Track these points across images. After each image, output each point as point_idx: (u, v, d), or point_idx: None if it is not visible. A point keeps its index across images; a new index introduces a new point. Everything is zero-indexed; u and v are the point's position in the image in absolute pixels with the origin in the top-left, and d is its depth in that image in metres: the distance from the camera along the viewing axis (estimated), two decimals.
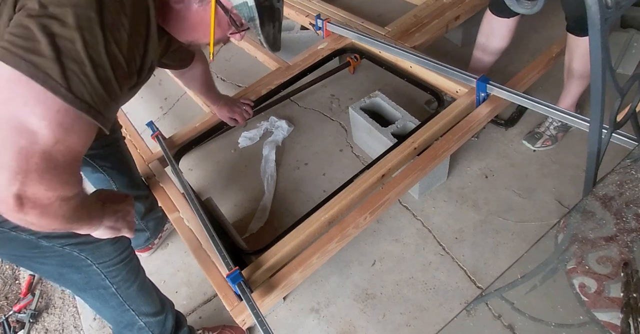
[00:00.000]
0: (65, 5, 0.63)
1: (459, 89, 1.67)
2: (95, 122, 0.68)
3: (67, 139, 0.65)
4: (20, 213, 0.65)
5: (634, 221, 0.95)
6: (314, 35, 2.24)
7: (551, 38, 2.20)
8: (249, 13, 0.83)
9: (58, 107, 0.63)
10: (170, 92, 2.50)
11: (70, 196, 0.69)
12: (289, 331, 1.47)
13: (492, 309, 0.93)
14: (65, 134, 0.65)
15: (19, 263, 0.98)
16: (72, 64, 0.63)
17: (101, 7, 0.66)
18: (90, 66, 0.64)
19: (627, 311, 0.79)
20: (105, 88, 0.67)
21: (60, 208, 0.68)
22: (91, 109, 0.66)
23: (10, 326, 1.73)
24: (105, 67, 0.67)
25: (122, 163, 1.42)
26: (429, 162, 1.43)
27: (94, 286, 1.03)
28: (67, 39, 0.63)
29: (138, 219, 1.57)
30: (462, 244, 1.56)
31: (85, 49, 0.64)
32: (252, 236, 1.73)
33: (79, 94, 0.64)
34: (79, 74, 0.64)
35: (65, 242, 0.91)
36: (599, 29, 0.88)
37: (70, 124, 0.65)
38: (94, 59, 0.65)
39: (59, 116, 0.63)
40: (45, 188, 0.65)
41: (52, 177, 0.65)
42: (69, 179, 0.68)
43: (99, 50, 0.65)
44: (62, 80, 0.62)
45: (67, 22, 0.63)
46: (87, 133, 0.69)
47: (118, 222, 0.91)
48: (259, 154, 1.99)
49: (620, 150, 1.23)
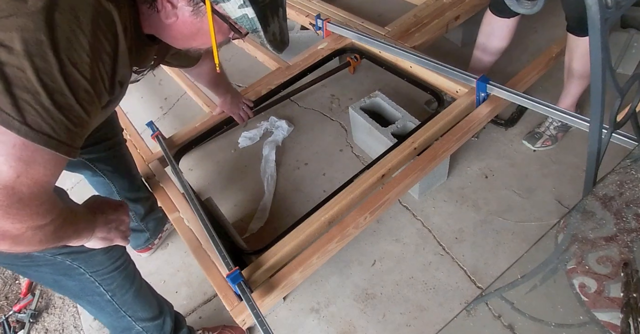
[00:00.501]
0: (10, 30, 0.58)
1: (459, 89, 1.67)
2: (57, 154, 0.64)
3: (30, 172, 0.62)
4: None
5: (634, 221, 0.95)
6: (314, 35, 2.24)
7: (551, 38, 2.20)
8: (250, 25, 0.77)
9: (14, 142, 0.59)
10: (170, 92, 2.50)
11: (42, 224, 0.66)
12: (289, 331, 1.47)
13: (492, 309, 0.93)
14: (27, 167, 0.61)
15: (12, 269, 0.97)
16: (25, 94, 0.59)
17: (52, 28, 0.60)
18: (45, 94, 0.60)
19: (627, 311, 0.78)
20: (65, 115, 0.63)
21: (35, 236, 0.66)
22: (51, 140, 0.62)
23: (10, 326, 1.73)
24: (64, 93, 0.62)
25: (123, 167, 1.41)
26: (429, 162, 1.43)
27: (89, 293, 1.02)
28: (16, 67, 0.58)
29: (138, 220, 1.57)
30: (462, 244, 1.56)
31: (37, 76, 0.59)
32: (252, 236, 1.73)
33: (35, 125, 0.60)
34: (34, 104, 0.59)
35: (56, 252, 0.90)
36: (599, 29, 0.88)
37: (30, 157, 0.61)
38: (49, 86, 0.60)
39: (16, 151, 0.60)
40: (12, 221, 0.62)
41: (18, 211, 0.62)
42: (38, 209, 0.65)
43: (54, 75, 0.60)
44: (14, 113, 0.58)
45: (14, 48, 0.58)
46: (53, 164, 0.65)
47: (111, 233, 0.89)
48: (259, 154, 1.99)
49: (620, 150, 1.23)
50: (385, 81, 2.16)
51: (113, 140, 1.34)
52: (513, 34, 1.71)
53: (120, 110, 1.93)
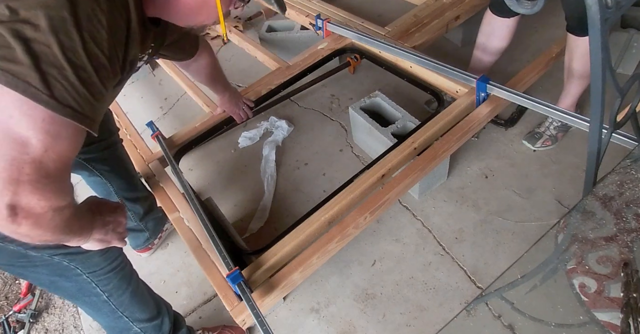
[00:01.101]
0: (35, 8, 0.61)
1: (459, 89, 1.67)
2: (82, 127, 0.67)
3: (57, 146, 0.64)
4: (14, 224, 0.64)
5: (634, 221, 0.95)
6: (314, 35, 2.24)
7: (551, 38, 2.20)
8: None
9: (43, 115, 0.62)
10: (170, 92, 2.50)
11: (62, 206, 0.68)
12: (289, 331, 1.47)
13: (492, 309, 0.93)
14: (54, 141, 0.64)
15: (9, 271, 0.97)
16: (52, 69, 0.61)
17: (74, 6, 0.63)
18: (71, 70, 0.63)
19: (627, 311, 0.78)
20: (89, 90, 0.66)
21: (53, 219, 0.67)
22: (77, 114, 0.65)
23: (10, 326, 1.73)
24: (87, 69, 0.65)
25: (120, 166, 1.41)
26: (429, 162, 1.43)
27: (85, 294, 1.02)
28: (42, 44, 0.61)
29: (137, 220, 1.57)
30: (462, 244, 1.56)
31: (62, 52, 0.62)
32: (252, 236, 1.73)
33: (62, 99, 0.63)
34: (60, 79, 0.62)
35: (53, 252, 0.90)
36: (599, 29, 0.88)
37: (57, 131, 0.64)
38: (74, 62, 0.63)
39: (45, 125, 0.62)
40: (39, 198, 0.64)
41: (44, 186, 0.64)
42: (61, 186, 0.67)
43: (78, 51, 0.63)
44: (43, 87, 0.61)
45: (39, 25, 0.61)
46: (76, 137, 0.68)
47: (108, 235, 0.89)
48: (259, 154, 1.99)
49: (620, 150, 1.23)
50: (385, 81, 2.16)
51: (108, 140, 1.34)
52: (513, 34, 1.71)
53: (120, 110, 1.94)
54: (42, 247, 0.88)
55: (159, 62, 2.35)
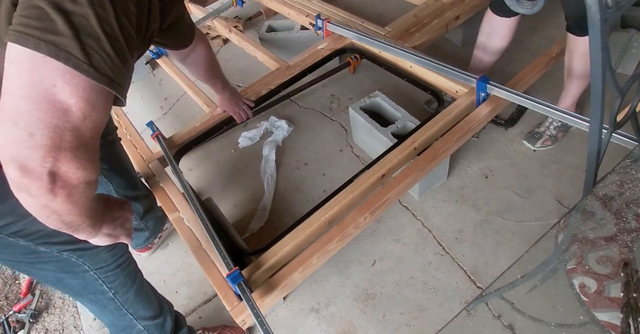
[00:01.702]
0: None
1: (459, 89, 1.67)
2: (116, 94, 0.70)
3: (93, 115, 0.67)
4: (50, 194, 0.65)
5: (634, 221, 0.95)
6: (314, 35, 2.24)
7: (551, 38, 2.20)
8: None
9: (84, 84, 0.65)
10: (170, 92, 2.50)
11: (93, 180, 0.71)
12: (289, 331, 1.47)
13: (492, 309, 0.93)
14: (92, 110, 0.67)
15: (16, 268, 0.98)
16: (90, 40, 0.65)
17: None
18: (107, 40, 0.66)
19: (627, 311, 0.78)
20: (121, 60, 0.70)
21: (84, 192, 0.70)
22: (113, 83, 0.68)
23: (10, 326, 1.73)
24: (119, 39, 0.69)
25: (119, 165, 1.41)
26: (429, 162, 1.43)
27: (91, 291, 1.03)
28: (81, 16, 0.64)
29: (137, 219, 1.57)
30: (462, 244, 1.56)
31: (99, 23, 0.65)
32: (252, 236, 1.73)
33: (100, 69, 0.66)
34: (98, 50, 0.66)
35: (63, 248, 0.91)
36: (599, 29, 0.88)
37: (94, 99, 0.67)
38: (109, 33, 0.67)
39: (85, 93, 0.65)
40: (77, 166, 0.66)
41: (82, 154, 0.67)
42: (95, 157, 0.70)
43: (112, 23, 0.67)
44: (83, 57, 0.64)
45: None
46: (108, 106, 0.71)
47: (116, 230, 0.90)
48: (259, 154, 1.99)
49: (620, 150, 1.23)
50: (385, 81, 2.16)
51: (106, 138, 1.34)
52: (513, 34, 1.71)
53: (120, 110, 1.93)
54: (52, 242, 0.89)
55: (159, 62, 2.35)
